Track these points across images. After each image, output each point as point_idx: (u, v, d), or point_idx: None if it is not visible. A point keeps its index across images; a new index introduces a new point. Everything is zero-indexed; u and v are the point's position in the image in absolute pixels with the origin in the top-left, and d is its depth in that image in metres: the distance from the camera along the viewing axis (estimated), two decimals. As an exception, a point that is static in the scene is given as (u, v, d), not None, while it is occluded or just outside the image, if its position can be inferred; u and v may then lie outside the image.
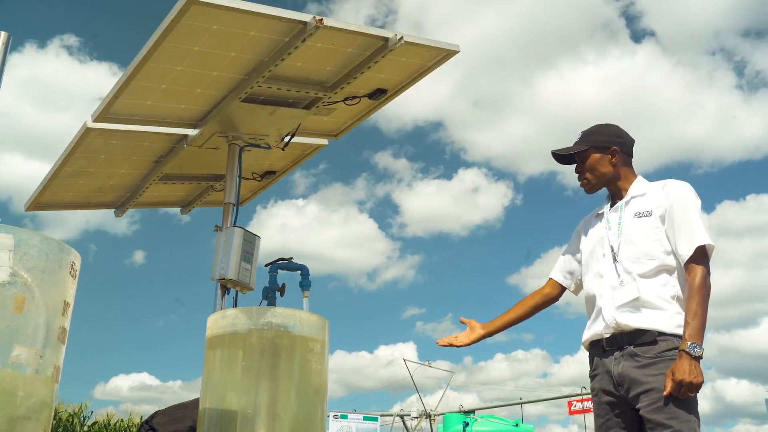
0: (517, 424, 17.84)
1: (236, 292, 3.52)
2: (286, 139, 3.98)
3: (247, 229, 3.55)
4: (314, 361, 3.04)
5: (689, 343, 2.26)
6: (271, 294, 3.42)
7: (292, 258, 3.49)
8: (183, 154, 3.91)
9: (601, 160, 2.66)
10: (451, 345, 2.89)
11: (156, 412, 3.27)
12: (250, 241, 3.56)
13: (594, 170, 2.66)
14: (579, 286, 2.83)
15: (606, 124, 2.74)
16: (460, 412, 22.19)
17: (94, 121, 3.43)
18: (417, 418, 25.82)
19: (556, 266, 2.91)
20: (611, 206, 2.68)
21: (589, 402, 24.21)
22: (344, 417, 19.43)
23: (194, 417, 3.19)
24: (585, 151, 2.67)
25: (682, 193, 2.50)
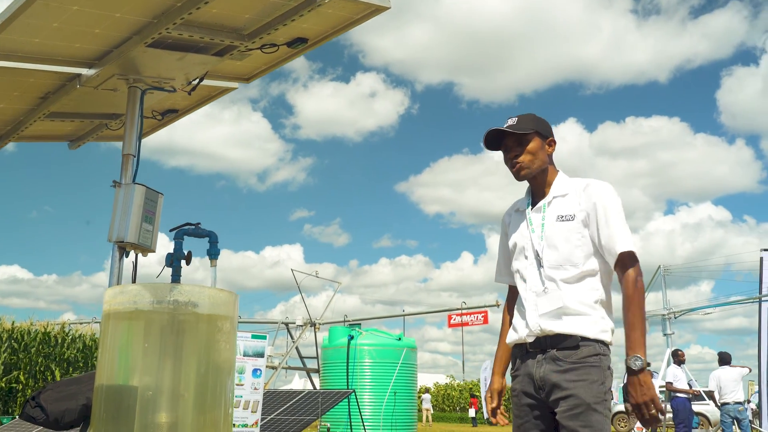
0: (399, 338, 18.58)
1: (136, 255, 3.26)
2: (194, 82, 3.64)
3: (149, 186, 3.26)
4: (222, 340, 2.88)
5: (630, 357, 2.28)
6: (176, 263, 3.17)
7: (199, 223, 3.24)
8: (75, 92, 3.48)
9: (542, 147, 2.56)
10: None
11: (44, 387, 3.01)
12: (152, 199, 3.27)
13: (535, 154, 2.54)
14: None
15: (540, 117, 2.64)
16: (345, 324, 22.78)
17: (-31, 55, 2.96)
18: (302, 326, 26.28)
19: (509, 273, 2.70)
20: (533, 205, 2.60)
21: (468, 316, 25.51)
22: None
23: (88, 394, 2.98)
24: (529, 133, 2.55)
25: (606, 197, 2.46)
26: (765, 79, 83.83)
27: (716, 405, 10.44)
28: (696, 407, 12.32)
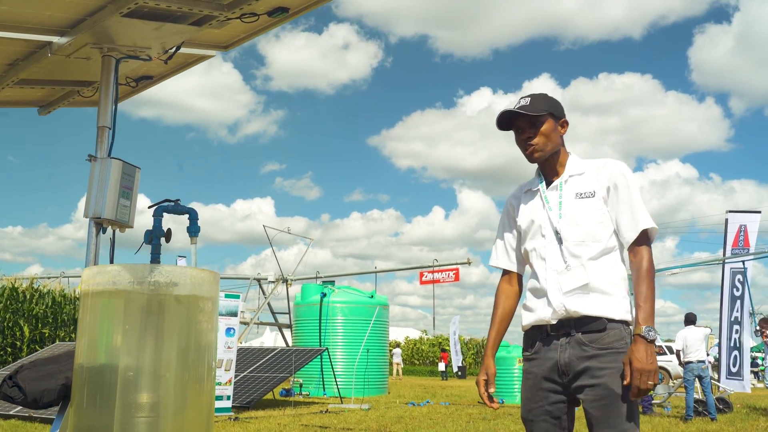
0: (372, 296, 18.70)
1: (114, 231, 3.18)
2: (171, 51, 3.52)
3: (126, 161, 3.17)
4: (204, 321, 2.84)
5: (644, 327, 2.26)
6: (155, 241, 3.11)
7: (179, 200, 3.17)
8: (47, 60, 3.34)
9: (555, 129, 2.50)
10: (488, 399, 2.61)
11: (21, 366, 2.96)
12: (130, 174, 3.19)
13: (549, 136, 2.49)
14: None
15: (552, 97, 2.59)
16: (318, 282, 22.82)
17: (-67, 23, 2.81)
18: (274, 282, 26.29)
19: (506, 257, 2.66)
20: (548, 185, 2.54)
21: (439, 273, 25.69)
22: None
23: (68, 374, 2.93)
24: (543, 115, 2.49)
25: (624, 175, 2.44)
26: (736, 37, 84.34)
27: (680, 363, 10.75)
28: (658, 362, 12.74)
